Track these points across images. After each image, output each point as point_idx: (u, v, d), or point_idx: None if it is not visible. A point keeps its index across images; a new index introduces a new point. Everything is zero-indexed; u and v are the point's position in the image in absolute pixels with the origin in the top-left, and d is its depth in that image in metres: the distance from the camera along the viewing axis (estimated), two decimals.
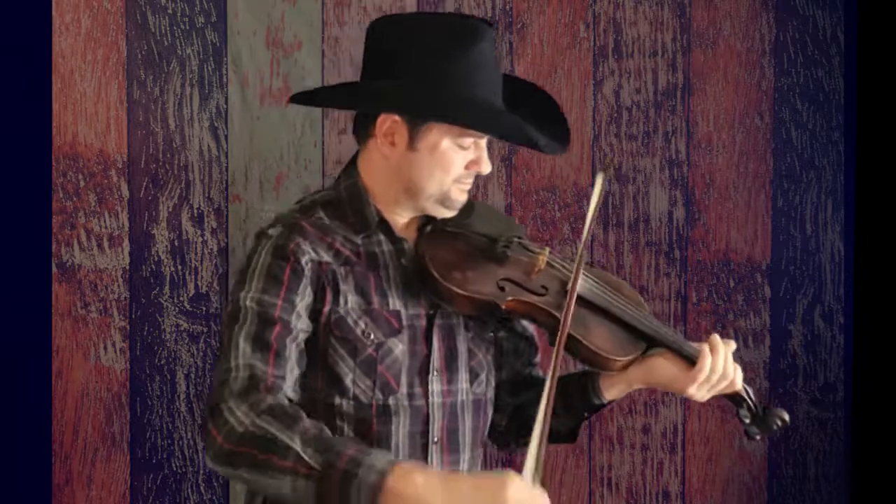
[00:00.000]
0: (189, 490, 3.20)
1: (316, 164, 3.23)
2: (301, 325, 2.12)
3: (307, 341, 2.14)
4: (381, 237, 2.21)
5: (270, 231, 2.18)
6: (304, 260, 2.14)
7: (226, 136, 3.20)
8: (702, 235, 3.36)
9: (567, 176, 3.31)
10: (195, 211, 3.19)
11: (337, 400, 2.14)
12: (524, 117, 2.20)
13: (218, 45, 3.20)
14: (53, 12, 3.14)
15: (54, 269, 3.15)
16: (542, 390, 2.10)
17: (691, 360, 2.23)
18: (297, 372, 2.10)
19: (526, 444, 2.30)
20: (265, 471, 1.96)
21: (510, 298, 2.16)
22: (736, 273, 3.37)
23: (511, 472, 1.95)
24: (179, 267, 3.19)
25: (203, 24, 3.19)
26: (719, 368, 2.22)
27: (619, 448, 3.35)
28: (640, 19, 3.33)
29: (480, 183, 3.29)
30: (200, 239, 3.20)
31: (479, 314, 2.21)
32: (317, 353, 2.15)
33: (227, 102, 3.20)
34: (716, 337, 2.24)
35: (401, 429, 2.16)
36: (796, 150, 3.38)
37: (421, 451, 2.18)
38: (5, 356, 3.12)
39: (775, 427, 2.29)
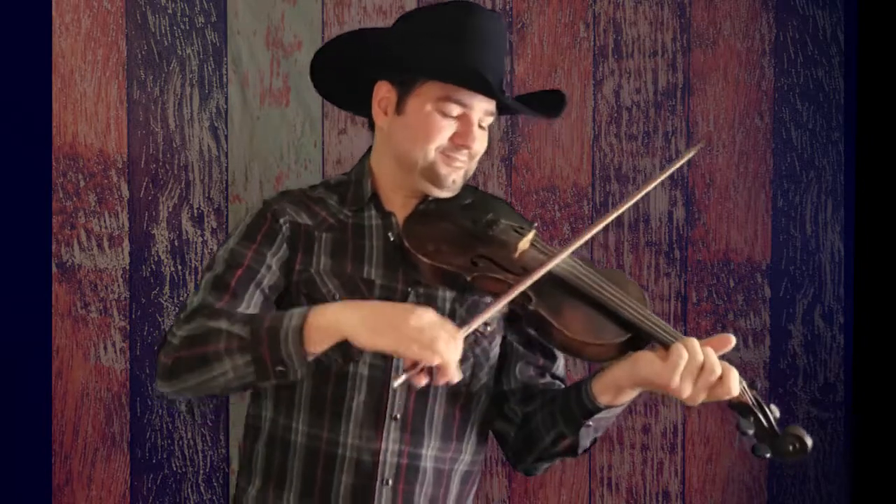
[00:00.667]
0: (189, 490, 3.20)
1: (316, 164, 3.23)
2: (270, 278, 2.19)
3: (282, 298, 2.21)
4: (373, 212, 2.27)
5: (265, 199, 2.31)
6: (281, 220, 2.23)
7: (226, 136, 3.20)
8: (702, 235, 3.36)
9: (567, 176, 3.31)
10: (195, 211, 3.19)
11: None
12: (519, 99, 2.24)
13: (218, 45, 3.20)
14: (53, 12, 3.14)
15: (54, 269, 3.15)
16: (546, 403, 2.19)
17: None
18: (250, 312, 2.16)
19: (538, 460, 2.26)
20: (204, 364, 2.06)
21: (477, 274, 2.13)
22: (736, 273, 3.37)
23: (428, 308, 2.01)
24: (179, 267, 3.19)
25: (203, 24, 3.19)
26: (697, 356, 2.03)
27: (619, 448, 3.35)
28: (640, 19, 3.33)
29: (480, 183, 3.29)
30: (200, 239, 3.20)
31: (445, 286, 2.20)
32: (283, 305, 2.20)
33: (227, 102, 3.20)
34: (693, 340, 2.10)
35: (357, 396, 2.17)
36: (796, 150, 3.38)
37: (376, 425, 2.17)
38: (5, 356, 3.12)
39: (791, 448, 1.98)
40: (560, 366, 2.34)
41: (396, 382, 1.97)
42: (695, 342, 2.05)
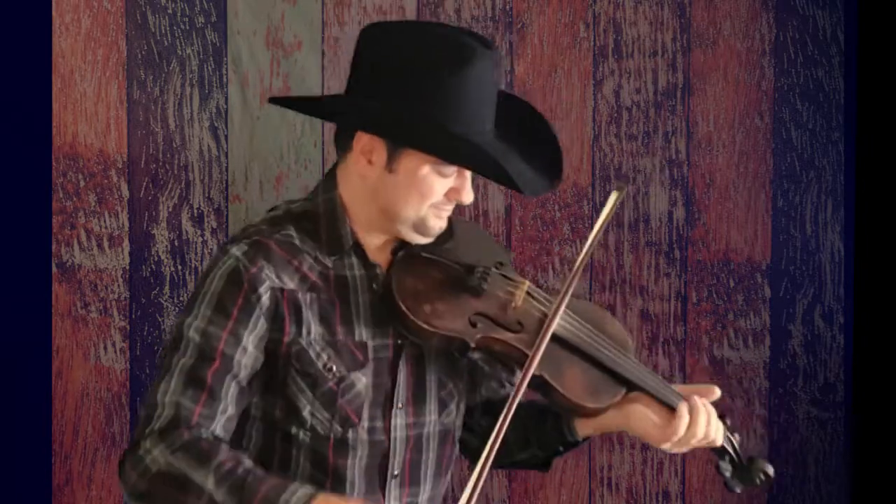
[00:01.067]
0: None
1: (316, 164, 3.23)
2: (247, 360, 2.02)
3: (267, 370, 2.05)
4: (354, 260, 2.09)
5: (233, 250, 2.05)
6: (260, 289, 2.02)
7: (226, 136, 3.20)
8: (702, 235, 3.36)
9: (567, 176, 3.31)
10: (195, 211, 3.19)
11: (294, 430, 2.06)
12: (513, 147, 2.07)
13: (218, 45, 3.20)
14: (53, 12, 3.14)
15: (54, 269, 3.15)
16: (518, 418, 2.04)
17: (672, 409, 2.10)
18: (231, 411, 2.02)
19: (499, 467, 2.23)
20: None
21: (480, 336, 2.04)
22: (736, 273, 3.37)
23: None
24: (179, 267, 3.19)
25: (203, 24, 3.19)
26: (698, 432, 2.09)
27: (619, 448, 3.35)
28: (640, 19, 3.33)
29: (481, 183, 3.28)
30: (200, 239, 3.20)
31: (448, 350, 2.10)
32: (276, 381, 2.05)
33: (227, 102, 3.20)
34: (696, 400, 2.11)
35: (357, 462, 2.08)
36: (796, 150, 3.38)
37: (378, 485, 2.11)
38: (5, 356, 3.12)
39: (758, 481, 2.15)
40: (517, 375, 2.28)
41: None
42: (699, 422, 2.08)
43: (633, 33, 3.33)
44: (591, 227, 2.18)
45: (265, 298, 2.02)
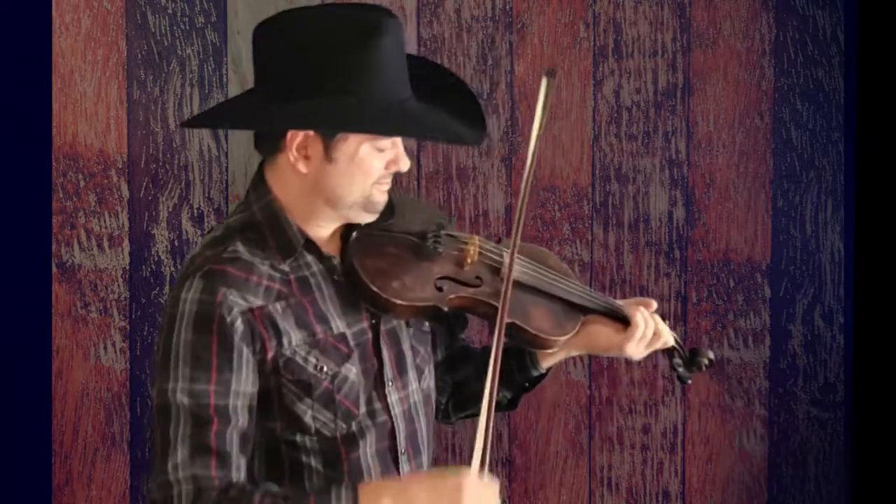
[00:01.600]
0: None
1: None
2: (242, 401, 1.99)
3: (260, 387, 2.03)
4: (309, 258, 2.08)
5: (186, 294, 1.99)
6: (230, 317, 1.97)
7: (226, 136, 3.20)
8: (702, 235, 3.36)
9: (567, 176, 3.31)
10: (195, 211, 3.19)
11: (299, 438, 2.06)
12: (435, 107, 2.09)
13: (218, 45, 3.20)
14: (53, 12, 3.14)
15: (54, 269, 3.15)
16: (480, 368, 2.10)
17: (625, 321, 2.26)
18: (243, 460, 2.00)
19: (463, 417, 2.35)
20: None
21: (450, 297, 2.10)
22: (736, 273, 3.37)
23: (463, 470, 1.96)
24: (179, 267, 3.19)
25: (203, 24, 3.19)
26: (650, 326, 2.26)
27: (619, 448, 3.35)
28: (640, 19, 3.33)
29: (481, 183, 3.29)
30: (200, 239, 3.20)
31: (423, 319, 2.15)
32: (270, 397, 2.04)
33: None
34: (643, 309, 2.27)
35: (368, 450, 2.09)
36: (796, 150, 3.38)
37: (393, 465, 2.13)
38: (5, 356, 3.12)
39: (703, 367, 2.36)
40: (466, 323, 2.37)
41: None
42: (644, 312, 2.26)
43: (633, 33, 3.33)
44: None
45: (238, 325, 1.98)
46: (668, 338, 2.30)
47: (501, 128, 3.28)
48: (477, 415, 2.25)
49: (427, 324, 2.22)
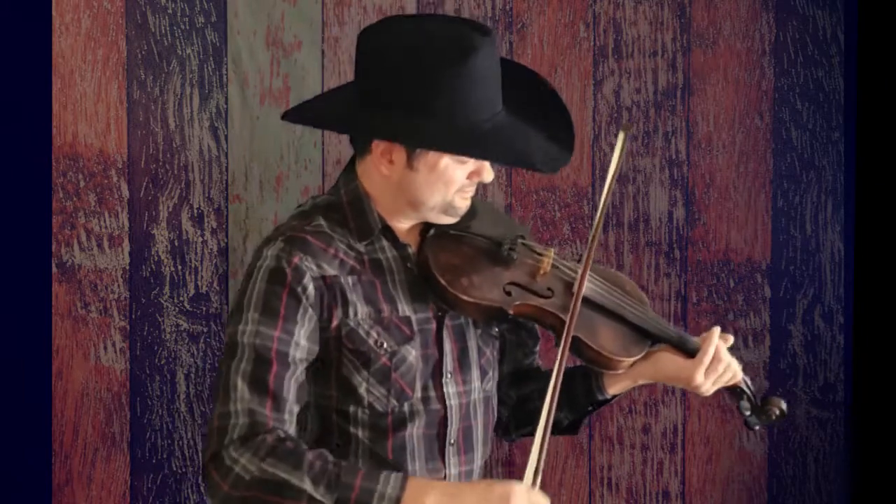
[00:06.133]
0: (189, 490, 3.20)
1: (316, 164, 3.23)
2: (301, 354, 2.08)
3: (321, 353, 2.12)
4: (385, 243, 2.18)
5: (268, 251, 2.12)
6: (304, 280, 2.09)
7: (226, 136, 3.20)
8: (702, 235, 3.36)
9: (567, 176, 3.31)
10: (195, 211, 3.19)
11: (352, 408, 2.13)
12: (525, 121, 2.17)
13: (218, 45, 3.20)
14: (53, 12, 3.14)
15: (54, 269, 3.15)
16: (545, 386, 2.11)
17: (693, 353, 2.25)
18: (296, 409, 2.09)
19: (524, 434, 2.37)
20: None
21: (517, 303, 2.15)
22: (736, 273, 3.37)
23: (513, 482, 2.00)
24: (179, 267, 3.19)
25: (203, 24, 3.19)
26: (723, 356, 2.25)
27: (619, 448, 3.35)
28: (640, 19, 3.33)
29: (481, 184, 3.28)
30: (200, 239, 3.20)
31: (487, 319, 2.20)
32: (329, 363, 2.13)
33: (227, 102, 3.20)
34: (716, 328, 2.28)
35: (416, 432, 2.15)
36: (796, 150, 3.38)
37: (438, 453, 2.18)
38: (5, 356, 3.12)
39: (774, 417, 2.33)
40: (539, 344, 2.42)
41: None
42: (716, 342, 2.25)
43: (633, 33, 3.33)
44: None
45: (310, 289, 2.09)
46: (738, 374, 2.29)
47: None
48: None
49: (496, 329, 2.27)
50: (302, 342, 2.08)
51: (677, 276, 3.35)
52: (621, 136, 2.21)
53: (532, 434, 2.22)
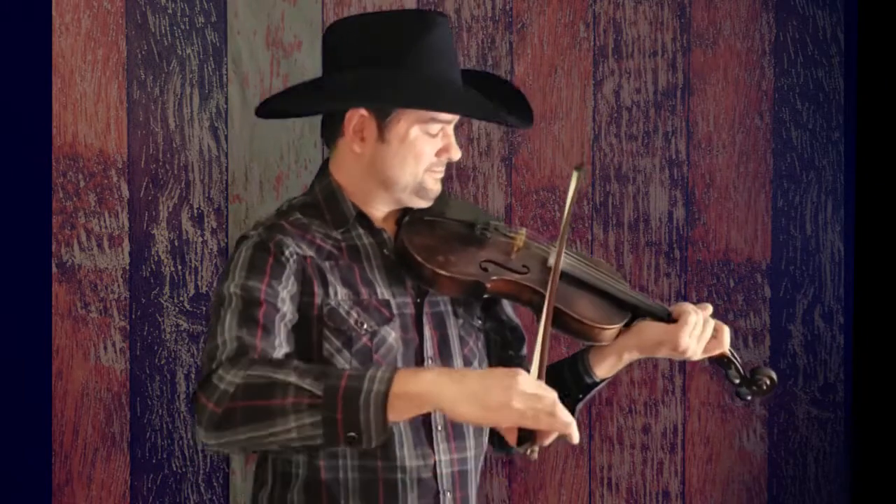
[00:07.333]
0: (189, 490, 3.21)
1: (316, 164, 3.23)
2: (286, 308, 2.10)
3: (301, 334, 2.12)
4: (361, 230, 2.23)
5: (250, 233, 2.18)
6: (287, 252, 2.13)
7: (226, 136, 3.20)
8: (702, 235, 3.37)
9: (567, 176, 3.30)
10: (195, 211, 3.19)
11: None
12: (484, 94, 2.24)
13: (218, 45, 3.20)
14: (53, 12, 3.14)
15: (54, 269, 3.15)
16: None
17: (674, 321, 2.26)
18: (286, 349, 2.07)
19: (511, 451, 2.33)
20: (266, 417, 1.94)
21: (494, 278, 2.18)
22: (736, 273, 3.37)
23: (520, 369, 1.97)
24: (179, 267, 3.19)
25: (203, 24, 3.19)
26: (703, 319, 2.24)
27: (619, 448, 3.35)
28: (640, 19, 3.33)
29: (481, 183, 3.29)
30: (200, 239, 3.20)
31: (465, 296, 2.22)
32: (310, 346, 2.13)
33: (227, 102, 3.20)
34: (692, 305, 2.28)
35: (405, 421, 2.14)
36: (796, 150, 3.38)
37: (426, 439, 2.17)
38: (5, 356, 3.12)
39: (765, 387, 2.31)
40: (525, 346, 2.42)
41: (534, 456, 1.99)
42: (694, 308, 2.26)
43: (633, 33, 3.33)
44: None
45: (292, 261, 2.13)
46: (725, 342, 2.28)
47: (501, 128, 3.28)
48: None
49: (478, 321, 2.30)
50: (286, 300, 2.10)
51: (677, 276, 3.35)
52: (575, 174, 2.23)
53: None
